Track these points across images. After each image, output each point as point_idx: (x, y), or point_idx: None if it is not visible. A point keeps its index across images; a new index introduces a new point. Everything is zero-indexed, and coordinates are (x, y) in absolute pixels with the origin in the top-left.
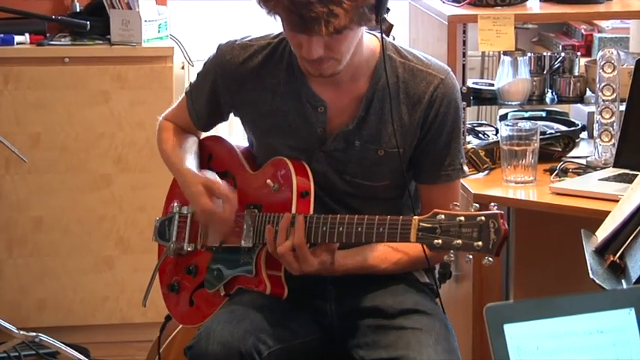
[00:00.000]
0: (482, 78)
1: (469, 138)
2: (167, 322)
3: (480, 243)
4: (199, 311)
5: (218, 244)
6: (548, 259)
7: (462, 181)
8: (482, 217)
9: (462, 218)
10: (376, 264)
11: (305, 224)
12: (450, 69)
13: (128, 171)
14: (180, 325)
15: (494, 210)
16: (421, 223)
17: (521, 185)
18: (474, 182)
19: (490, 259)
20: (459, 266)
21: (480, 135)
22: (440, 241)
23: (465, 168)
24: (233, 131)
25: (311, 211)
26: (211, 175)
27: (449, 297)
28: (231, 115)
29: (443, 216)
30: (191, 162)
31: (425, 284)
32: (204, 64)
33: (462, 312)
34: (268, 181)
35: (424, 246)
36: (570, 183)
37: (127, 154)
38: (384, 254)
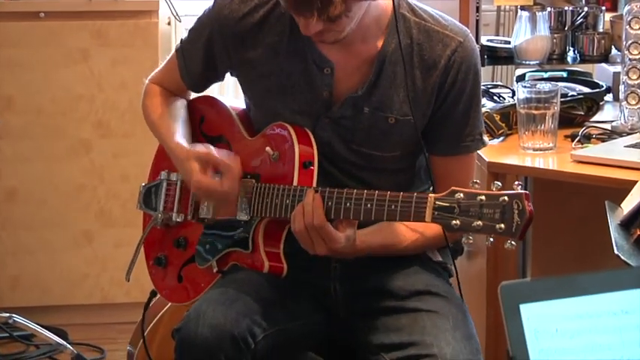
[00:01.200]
0: (497, 35)
1: (483, 101)
2: (152, 298)
3: (503, 225)
4: (189, 288)
5: (211, 215)
6: (568, 234)
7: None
8: (506, 197)
9: (483, 198)
10: (396, 242)
11: (323, 202)
12: (469, 31)
13: (109, 137)
14: (167, 305)
15: (519, 190)
16: (438, 202)
17: (539, 153)
18: (488, 149)
19: (513, 242)
20: (473, 243)
21: (495, 97)
22: (458, 222)
23: (485, 138)
24: (225, 92)
25: (314, 184)
26: (204, 148)
27: (461, 275)
28: (227, 75)
29: (462, 194)
30: (181, 133)
31: (438, 263)
32: (199, 18)
33: (474, 291)
34: (267, 148)
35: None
36: (593, 150)
37: (108, 118)
38: (403, 232)
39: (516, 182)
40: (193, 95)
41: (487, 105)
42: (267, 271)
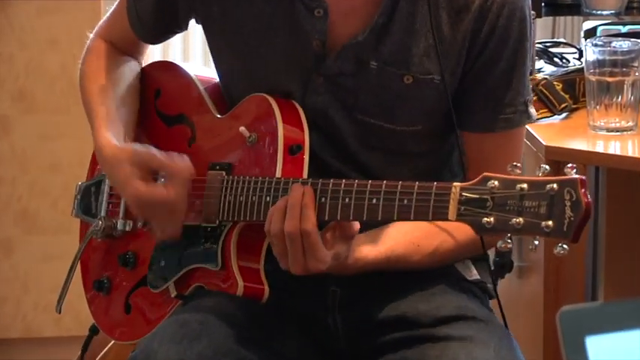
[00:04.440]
0: None
1: (539, 64)
2: (92, 337)
3: (551, 223)
4: (140, 321)
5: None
6: None
7: (527, 127)
8: (555, 185)
9: (525, 186)
10: (407, 254)
11: (315, 198)
12: None
13: (34, 112)
14: (112, 342)
15: (573, 174)
16: (464, 193)
17: (615, 134)
18: (545, 129)
19: (565, 246)
20: (524, 254)
21: (556, 60)
22: (492, 219)
23: (532, 110)
24: (191, 58)
25: (304, 174)
26: (140, 146)
27: (509, 298)
28: (192, 23)
29: (496, 182)
30: (117, 122)
31: (474, 283)
32: None
33: (527, 319)
34: (242, 128)
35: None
36: None
37: (31, 87)
38: (417, 238)
39: (569, 164)
40: (150, 60)
41: (545, 70)
42: (241, 295)
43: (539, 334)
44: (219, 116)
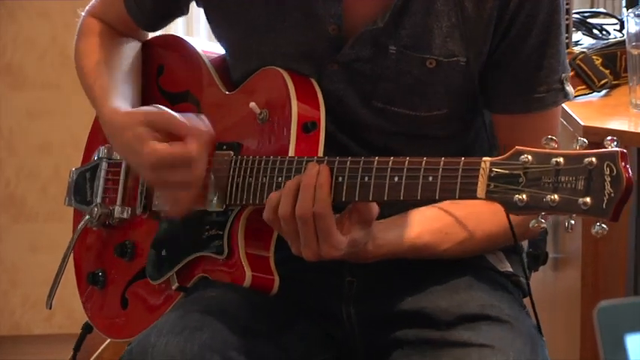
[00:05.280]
0: None
1: (577, 36)
2: (86, 335)
3: (589, 200)
4: (138, 316)
5: (173, 207)
6: None
7: (564, 106)
8: (593, 159)
9: (561, 160)
10: (434, 242)
11: (331, 177)
12: None
13: (22, 88)
14: (107, 341)
15: (613, 147)
16: (494, 168)
17: None
18: (583, 108)
19: (604, 225)
20: (560, 244)
21: (595, 31)
22: (524, 196)
23: (569, 87)
24: (193, 32)
25: (319, 153)
26: (154, 107)
27: (543, 293)
28: (193, 4)
29: (529, 156)
30: (122, 92)
31: (505, 275)
32: None
33: (563, 315)
34: (252, 104)
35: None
36: None
37: (20, 60)
38: (446, 226)
39: (609, 137)
40: (150, 35)
41: (583, 42)
42: (249, 286)
43: (576, 332)
44: (227, 92)
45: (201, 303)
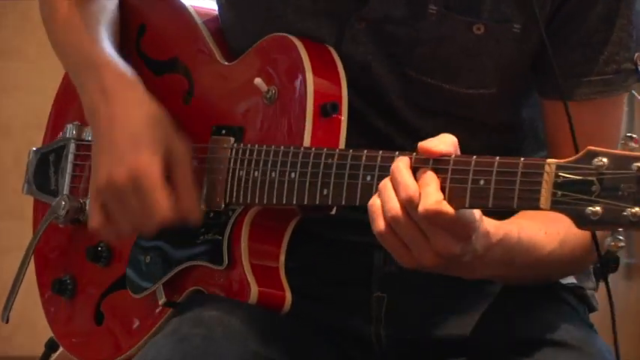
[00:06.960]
0: None
1: None
2: (49, 355)
3: None
4: (116, 335)
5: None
6: None
7: (634, 92)
8: None
9: None
10: (544, 242)
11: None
12: None
13: None
14: None
15: None
16: (562, 173)
17: None
18: None
19: None
20: (634, 246)
21: None
22: (598, 208)
23: None
24: None
25: (341, 142)
26: (186, 148)
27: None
28: None
29: (605, 159)
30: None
31: (569, 288)
32: None
33: (636, 328)
34: (257, 80)
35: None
36: None
37: None
38: (542, 223)
39: None
40: None
41: None
42: (255, 303)
43: None
44: (225, 63)
45: (201, 325)
